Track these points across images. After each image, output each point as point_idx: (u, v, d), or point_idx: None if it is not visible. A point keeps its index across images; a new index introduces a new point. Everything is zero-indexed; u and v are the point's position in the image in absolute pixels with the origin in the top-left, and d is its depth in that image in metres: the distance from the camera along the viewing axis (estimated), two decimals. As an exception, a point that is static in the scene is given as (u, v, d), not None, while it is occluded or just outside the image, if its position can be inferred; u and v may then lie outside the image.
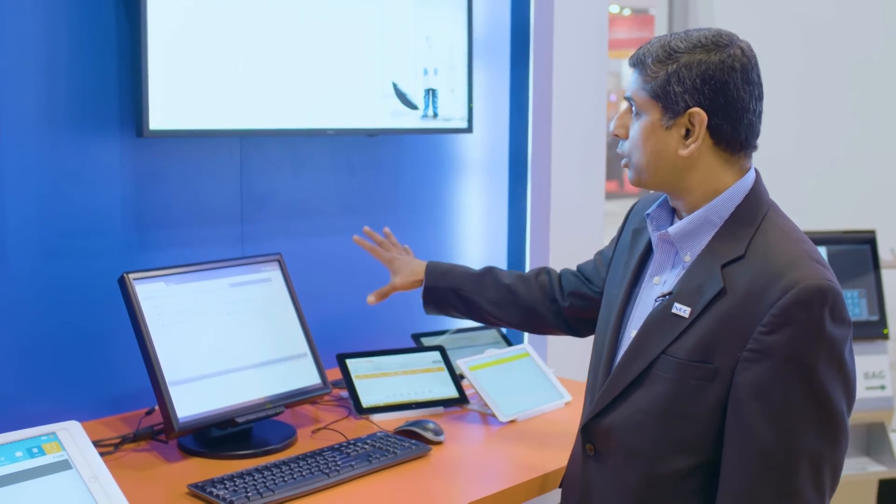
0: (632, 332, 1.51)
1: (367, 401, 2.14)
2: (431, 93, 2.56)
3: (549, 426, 2.10)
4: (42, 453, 1.45)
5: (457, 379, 2.25)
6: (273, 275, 2.10)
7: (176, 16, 2.05)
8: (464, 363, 2.20)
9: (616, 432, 1.48)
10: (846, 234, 3.33)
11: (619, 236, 1.71)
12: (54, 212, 2.00)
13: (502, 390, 2.18)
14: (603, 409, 1.50)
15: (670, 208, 1.54)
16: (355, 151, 2.54)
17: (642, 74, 1.44)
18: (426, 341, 2.47)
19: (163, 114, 2.04)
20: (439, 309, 1.99)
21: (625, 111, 1.50)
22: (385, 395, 2.16)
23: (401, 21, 2.48)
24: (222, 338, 1.96)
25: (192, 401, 1.86)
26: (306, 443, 1.96)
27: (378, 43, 2.44)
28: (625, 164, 1.51)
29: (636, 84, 1.46)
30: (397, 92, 2.49)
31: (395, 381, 2.21)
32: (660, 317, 1.45)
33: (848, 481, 3.20)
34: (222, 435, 1.92)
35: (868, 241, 3.32)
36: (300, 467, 1.76)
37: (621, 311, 1.56)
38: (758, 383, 1.33)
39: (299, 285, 2.17)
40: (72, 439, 1.48)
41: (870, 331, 3.26)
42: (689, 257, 1.46)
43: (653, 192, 1.61)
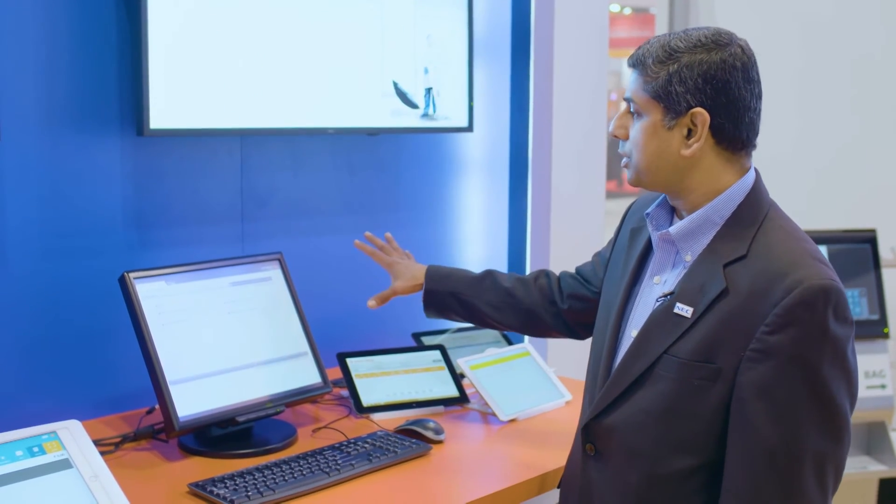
0: (632, 331, 1.51)
1: (367, 400, 2.14)
2: (432, 92, 2.56)
3: (550, 425, 2.10)
4: (42, 452, 1.45)
5: (457, 378, 2.25)
6: (273, 274, 2.10)
7: (176, 15, 2.05)
8: (464, 362, 2.20)
9: (617, 432, 1.48)
10: (846, 233, 3.33)
11: (617, 236, 1.71)
12: (55, 211, 2.00)
13: (503, 389, 2.18)
14: (604, 409, 1.50)
15: (670, 207, 1.53)
16: (356, 150, 2.53)
17: (642, 75, 1.44)
18: (426, 340, 2.47)
19: (163, 113, 2.04)
20: (439, 313, 1.98)
21: (624, 112, 1.49)
22: (385, 394, 2.16)
23: (401, 20, 2.48)
24: (223, 337, 1.96)
25: (192, 400, 1.86)
26: (307, 442, 1.96)
27: (378, 42, 2.44)
28: (625, 164, 1.51)
29: (636, 85, 1.45)
30: (398, 91, 2.49)
31: (396, 380, 2.21)
32: (661, 317, 1.44)
33: (848, 480, 3.19)
34: (223, 434, 1.92)
35: (868, 241, 3.32)
36: (301, 466, 1.76)
37: (620, 310, 1.55)
38: (761, 383, 1.33)
39: (300, 284, 2.17)
40: (72, 438, 1.48)
41: (870, 330, 3.26)
42: (690, 257, 1.46)
43: (650, 192, 1.61)
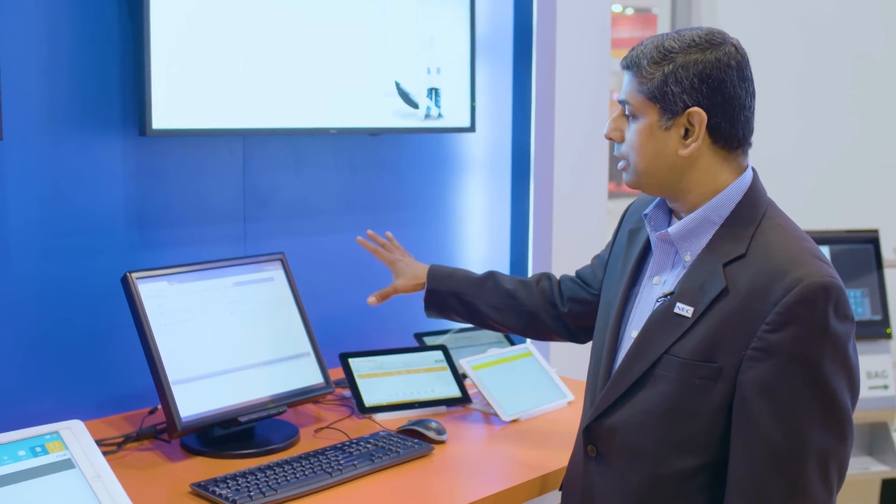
0: (632, 332, 1.51)
1: (369, 400, 2.14)
2: (434, 92, 2.56)
3: (552, 426, 2.10)
4: (45, 452, 1.45)
5: (459, 378, 2.25)
6: (276, 274, 2.10)
7: (179, 15, 2.05)
8: (466, 362, 2.20)
9: (619, 433, 1.48)
10: (849, 233, 3.33)
11: (615, 238, 1.71)
12: (57, 211, 2.00)
13: (505, 390, 2.18)
14: (605, 410, 1.50)
15: (668, 208, 1.54)
16: (358, 150, 2.53)
17: (637, 76, 1.43)
18: (429, 340, 2.47)
19: (165, 113, 2.04)
20: (440, 313, 1.98)
21: (618, 114, 1.49)
22: (387, 395, 2.16)
23: (403, 20, 2.48)
24: (225, 337, 1.96)
25: (194, 400, 1.86)
26: (309, 442, 1.97)
27: (380, 42, 2.44)
28: (622, 167, 1.50)
29: (630, 86, 1.45)
30: (400, 91, 2.49)
31: (398, 380, 2.21)
32: (662, 317, 1.44)
33: (851, 481, 3.19)
34: (225, 434, 1.92)
35: (871, 241, 3.32)
36: (303, 466, 1.76)
37: (620, 311, 1.56)
38: (763, 381, 1.33)
39: (302, 284, 2.17)
40: (75, 438, 1.48)
41: (873, 330, 3.26)
42: (690, 257, 1.46)
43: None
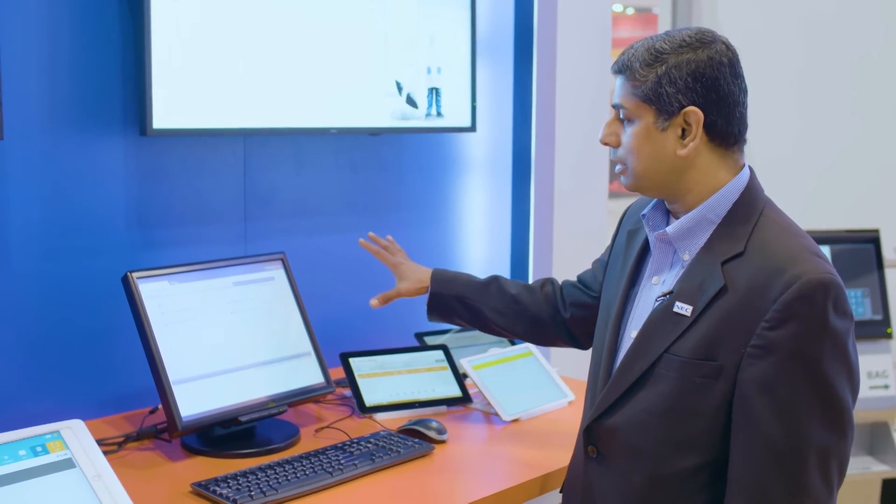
0: (632, 332, 1.51)
1: (370, 400, 2.14)
2: (435, 92, 2.56)
3: (553, 425, 2.10)
4: (46, 452, 1.45)
5: (460, 378, 2.25)
6: (276, 274, 2.10)
7: (179, 15, 2.05)
8: (467, 362, 2.20)
9: (620, 433, 1.48)
10: (849, 233, 3.33)
11: (614, 240, 1.71)
12: (57, 211, 2.01)
13: (505, 389, 2.18)
14: (605, 411, 1.50)
15: (665, 209, 1.54)
16: (358, 150, 2.53)
17: (630, 80, 1.43)
18: (429, 340, 2.47)
19: (166, 113, 2.04)
20: (443, 317, 1.98)
21: (612, 119, 1.49)
22: (388, 394, 2.16)
23: (404, 20, 2.48)
24: (225, 337, 1.96)
25: (195, 399, 1.86)
26: (309, 442, 1.97)
27: (381, 42, 2.44)
28: (620, 171, 1.50)
29: (624, 90, 1.45)
30: (400, 91, 2.49)
31: (399, 379, 2.21)
32: (661, 316, 1.44)
33: (851, 481, 3.19)
34: (226, 434, 1.92)
35: (871, 241, 3.32)
36: (303, 466, 1.76)
37: (620, 312, 1.56)
38: (763, 379, 1.33)
39: (302, 284, 2.17)
40: (75, 438, 1.48)
41: (873, 330, 3.26)
42: (688, 256, 1.46)
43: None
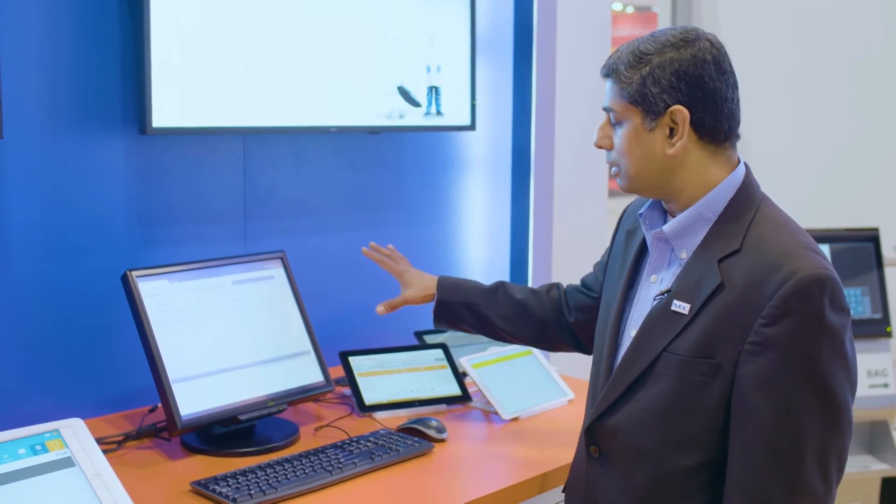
0: (631, 331, 1.51)
1: (369, 398, 2.14)
2: (434, 90, 2.56)
3: (552, 424, 2.10)
4: (45, 450, 1.45)
5: (459, 376, 2.25)
6: (276, 272, 2.10)
7: (179, 14, 2.05)
8: (466, 361, 2.20)
9: (621, 432, 1.48)
10: (849, 231, 3.32)
11: (614, 240, 1.71)
12: (57, 209, 2.00)
13: (505, 388, 2.18)
14: (606, 410, 1.50)
15: (662, 208, 1.54)
16: (358, 149, 2.53)
17: (617, 82, 1.45)
18: (429, 339, 2.47)
19: (166, 111, 2.04)
20: (450, 324, 1.97)
21: (605, 122, 1.51)
22: (388, 393, 2.16)
23: (404, 18, 2.48)
24: (225, 335, 1.96)
25: (194, 398, 1.87)
26: (309, 440, 1.97)
27: (381, 40, 2.43)
28: (615, 173, 1.52)
29: (612, 93, 1.47)
30: (400, 89, 2.49)
31: (398, 378, 2.21)
32: (659, 314, 1.44)
33: (851, 479, 3.19)
34: (225, 432, 1.92)
35: (871, 239, 3.32)
36: (303, 465, 1.76)
37: (619, 311, 1.56)
38: (760, 375, 1.33)
39: (302, 283, 2.17)
40: (75, 437, 1.48)
41: (873, 329, 3.26)
42: (686, 254, 1.46)
43: None
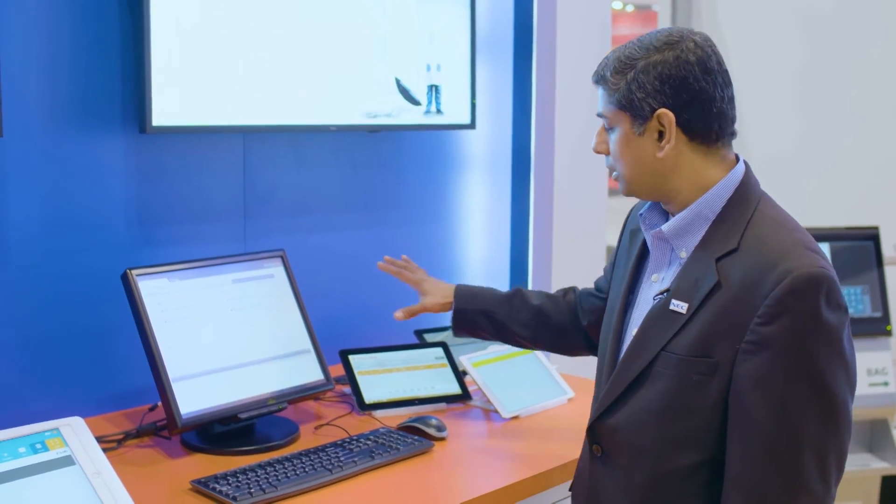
0: (633, 331, 1.51)
1: (369, 397, 2.14)
2: (434, 89, 2.56)
3: (552, 423, 2.10)
4: (45, 449, 1.45)
5: (459, 375, 2.25)
6: (276, 271, 2.10)
7: (179, 12, 2.05)
8: (466, 359, 2.20)
9: (621, 432, 1.48)
10: (849, 230, 3.32)
11: (620, 241, 1.72)
12: (57, 208, 2.00)
13: (505, 386, 2.18)
14: (607, 409, 1.50)
15: (663, 208, 1.54)
16: (358, 148, 2.53)
17: (605, 89, 1.48)
18: (429, 337, 2.47)
19: (166, 110, 2.04)
20: (469, 332, 1.97)
21: (601, 128, 1.53)
22: (388, 392, 2.16)
23: (404, 17, 2.48)
24: (225, 334, 1.96)
25: (194, 397, 1.87)
26: (309, 439, 1.97)
27: (381, 39, 2.43)
28: (614, 178, 1.54)
29: (603, 100, 1.49)
30: (400, 88, 2.49)
31: (398, 377, 2.21)
32: (658, 314, 1.45)
33: (851, 478, 3.19)
34: (225, 431, 1.92)
35: (871, 238, 3.32)
36: (303, 463, 1.76)
37: (622, 311, 1.56)
38: (757, 375, 1.32)
39: (302, 281, 2.17)
40: (75, 435, 1.48)
41: (873, 327, 3.26)
42: (685, 253, 1.46)
43: None
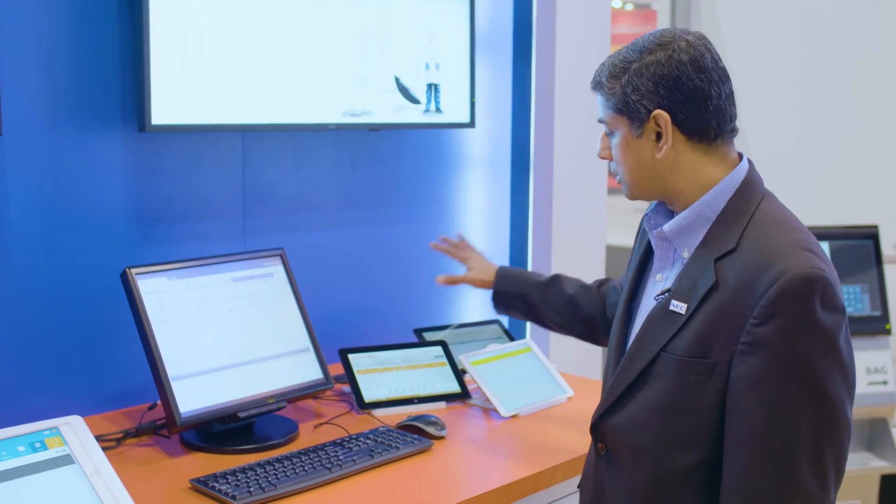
0: (637, 329, 1.52)
1: (369, 396, 2.14)
2: (434, 87, 2.56)
3: (551, 421, 2.10)
4: (44, 448, 1.45)
5: (459, 374, 2.25)
6: (275, 269, 2.10)
7: (178, 11, 2.04)
8: (466, 358, 2.20)
9: (622, 431, 1.48)
10: (849, 229, 3.32)
11: (636, 239, 1.72)
12: (57, 207, 2.00)
13: (504, 385, 2.18)
14: (609, 408, 1.50)
15: (667, 208, 1.55)
16: (357, 146, 2.53)
17: (603, 94, 1.49)
18: (428, 336, 2.47)
19: (165, 109, 2.04)
20: (505, 311, 2.07)
21: (603, 134, 1.54)
22: (387, 390, 2.16)
23: (403, 16, 2.48)
24: (224, 333, 1.96)
25: (194, 396, 1.87)
26: (308, 438, 1.97)
27: (380, 38, 2.43)
28: (619, 181, 1.55)
29: (601, 105, 1.50)
30: (399, 86, 2.49)
31: (397, 375, 2.21)
32: (659, 314, 1.45)
33: (850, 476, 3.19)
34: (224, 430, 1.92)
35: (870, 237, 3.32)
36: (302, 462, 1.76)
37: (627, 310, 1.57)
38: (752, 376, 1.32)
39: (301, 280, 2.17)
40: (74, 434, 1.48)
41: (872, 326, 3.26)
42: (688, 253, 1.46)
43: None
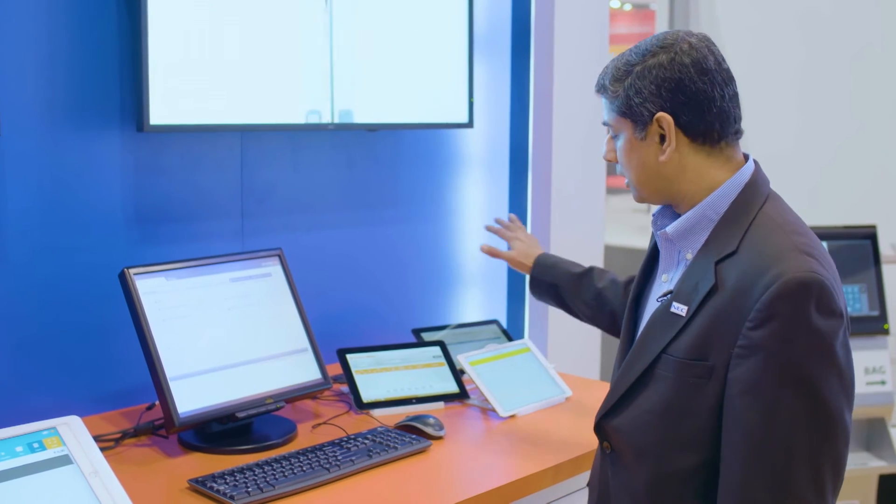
0: (641, 330, 1.52)
1: (367, 396, 2.14)
2: (433, 87, 2.55)
3: (550, 421, 2.10)
4: (42, 448, 1.45)
5: (457, 374, 2.25)
6: (273, 270, 2.10)
7: (176, 11, 2.04)
8: (464, 358, 2.20)
9: (624, 432, 1.48)
10: (847, 229, 3.33)
11: (651, 241, 1.73)
12: (55, 206, 2.00)
13: (503, 385, 2.18)
14: (611, 409, 1.50)
15: (674, 210, 1.55)
16: (355, 146, 2.53)
17: (607, 97, 1.49)
18: (427, 336, 2.47)
19: (163, 109, 2.04)
20: (540, 297, 2.11)
21: (609, 137, 1.54)
22: (385, 390, 2.16)
23: (402, 15, 2.47)
24: (223, 333, 1.96)
25: (192, 396, 1.87)
26: (307, 438, 1.97)
27: (379, 37, 2.43)
28: (627, 184, 1.55)
29: (606, 108, 1.50)
30: (399, 86, 2.48)
31: (396, 375, 2.21)
32: (660, 316, 1.45)
33: (848, 476, 3.17)
34: (223, 430, 1.92)
35: (869, 237, 3.32)
36: (300, 462, 1.76)
37: (633, 310, 1.57)
38: (747, 379, 1.32)
39: (300, 280, 2.17)
40: (72, 434, 1.48)
41: (870, 326, 3.26)
42: (691, 254, 1.46)
43: None
